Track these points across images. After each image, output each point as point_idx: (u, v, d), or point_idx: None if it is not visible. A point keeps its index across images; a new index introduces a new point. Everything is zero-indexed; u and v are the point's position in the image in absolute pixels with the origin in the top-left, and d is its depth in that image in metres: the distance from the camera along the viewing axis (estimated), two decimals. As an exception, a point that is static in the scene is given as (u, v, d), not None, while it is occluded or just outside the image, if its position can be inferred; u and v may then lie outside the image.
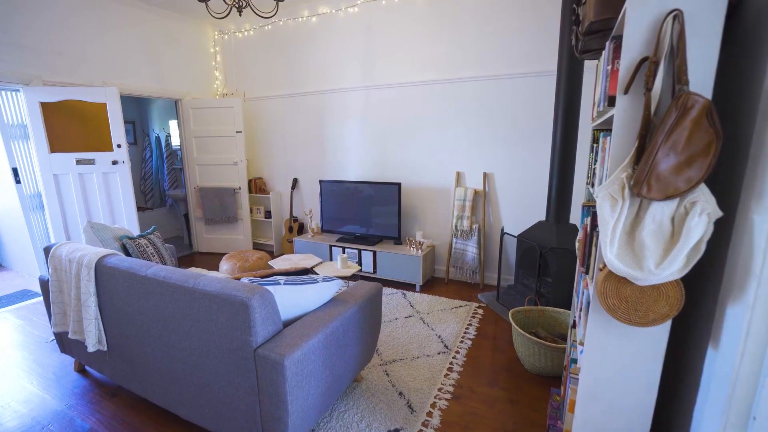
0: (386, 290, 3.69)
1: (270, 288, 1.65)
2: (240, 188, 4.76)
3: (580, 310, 1.47)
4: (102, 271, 1.91)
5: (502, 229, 3.30)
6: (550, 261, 2.87)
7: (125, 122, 5.82)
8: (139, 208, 5.72)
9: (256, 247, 5.16)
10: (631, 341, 1.06)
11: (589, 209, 1.47)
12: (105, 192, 3.63)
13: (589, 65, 2.89)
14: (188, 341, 1.66)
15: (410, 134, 4.01)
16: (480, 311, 3.25)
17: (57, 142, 3.48)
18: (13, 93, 3.33)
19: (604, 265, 1.03)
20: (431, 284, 3.89)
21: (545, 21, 3.22)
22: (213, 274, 2.69)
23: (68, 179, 3.53)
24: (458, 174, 3.84)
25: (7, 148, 3.41)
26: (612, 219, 0.96)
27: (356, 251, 3.95)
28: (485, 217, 3.76)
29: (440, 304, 3.36)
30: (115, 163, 3.58)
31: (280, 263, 3.22)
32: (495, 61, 3.48)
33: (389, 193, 3.87)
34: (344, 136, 4.38)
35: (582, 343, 1.19)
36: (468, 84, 3.64)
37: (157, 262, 2.39)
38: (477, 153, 3.72)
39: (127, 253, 2.33)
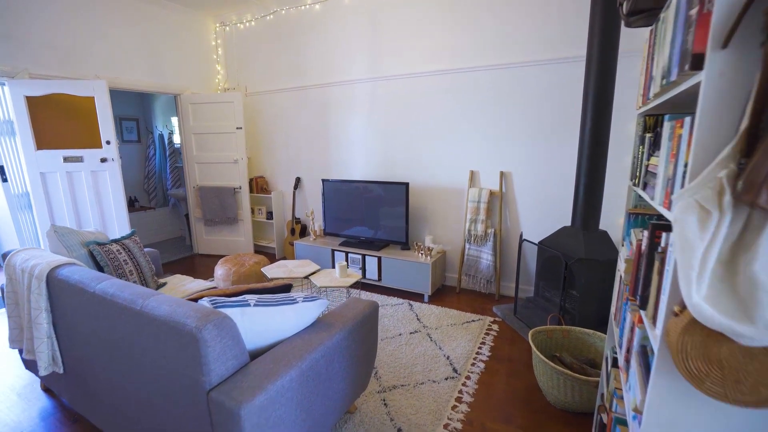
0: (391, 300, 3.37)
1: (236, 311, 1.36)
2: (240, 188, 4.52)
3: (627, 351, 1.12)
4: (54, 284, 1.66)
5: (521, 235, 2.94)
6: (577, 273, 2.50)
7: (128, 119, 5.69)
8: (142, 208, 5.56)
9: (258, 249, 4.92)
10: (724, 425, 0.72)
11: (642, 219, 1.12)
12: (94, 191, 3.42)
13: (627, 47, 2.50)
14: (139, 374, 1.38)
15: (420, 130, 3.67)
16: (495, 327, 2.89)
17: (44, 139, 3.29)
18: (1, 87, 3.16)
19: (683, 309, 0.69)
20: (441, 294, 3.55)
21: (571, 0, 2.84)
22: (188, 285, 2.43)
23: (56, 178, 3.34)
24: (472, 173, 3.49)
25: (-7, 144, 3.24)
26: (701, 242, 0.62)
27: (360, 257, 3.64)
28: (502, 220, 3.39)
29: (450, 318, 3.02)
30: (104, 160, 3.37)
31: (274, 271, 2.94)
32: (513, 47, 3.12)
33: (396, 193, 3.55)
34: (349, 132, 4.07)
35: (638, 411, 0.84)
36: (483, 73, 3.28)
37: (129, 271, 2.13)
38: (493, 150, 3.36)
39: (96, 262, 2.08)
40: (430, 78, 3.53)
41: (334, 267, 3.82)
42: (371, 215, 3.75)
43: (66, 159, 3.32)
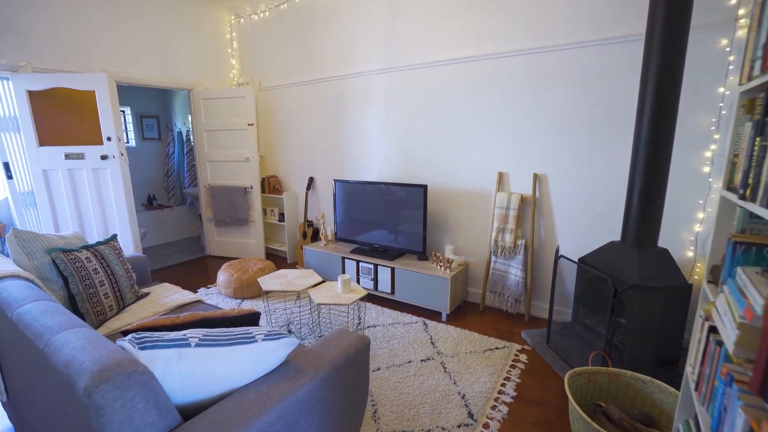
0: (404, 317, 2.98)
1: (171, 353, 1.04)
2: (252, 187, 4.28)
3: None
4: (-12, 300, 1.41)
5: (557, 250, 2.47)
6: (628, 302, 2.01)
7: (149, 117, 5.64)
8: (160, 206, 5.49)
9: (270, 253, 4.67)
10: None
11: (759, 253, 0.68)
12: (96, 189, 3.28)
13: (699, 20, 1.99)
14: (51, 426, 1.09)
15: (440, 125, 3.26)
16: (522, 358, 2.44)
17: (46, 135, 3.18)
18: (3, 81, 3.06)
19: None
20: (462, 312, 3.12)
21: (628, -34, 2.34)
22: (171, 296, 2.15)
23: (58, 175, 3.21)
24: (500, 175, 3.03)
25: (-2, 141, 3.15)
26: None
27: (372, 266, 3.28)
28: (534, 230, 2.92)
29: (470, 343, 2.60)
30: (104, 157, 3.21)
31: (270, 282, 2.64)
32: (550, 28, 2.64)
33: (413, 197, 3.16)
34: (365, 128, 3.72)
35: None
36: (515, 60, 2.82)
37: (100, 282, 1.88)
38: (525, 148, 2.90)
39: (59, 271, 1.84)
40: (452, 67, 3.11)
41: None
42: (386, 220, 3.38)
43: (67, 156, 3.19)
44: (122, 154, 3.32)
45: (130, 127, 5.49)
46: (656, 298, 1.92)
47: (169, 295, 2.27)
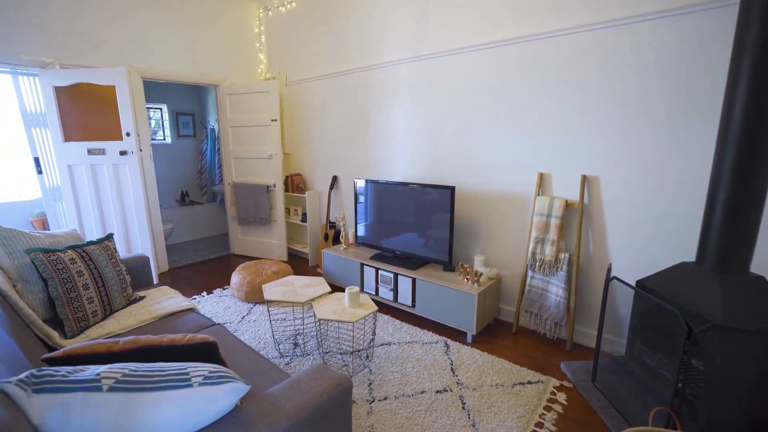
0: (424, 336, 2.64)
1: (73, 398, 0.81)
2: (274, 186, 4.13)
3: None
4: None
5: (610, 268, 2.01)
6: (706, 345, 1.54)
7: (185, 114, 5.70)
8: (192, 203, 5.53)
9: (292, 254, 4.50)
10: None
11: None
12: (115, 185, 3.25)
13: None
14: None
15: (473, 119, 2.87)
16: (561, 397, 2.02)
17: (70, 130, 3.19)
18: (32, 78, 3.11)
19: None
20: (491, 332, 2.72)
21: None
22: (164, 303, 1.96)
23: (81, 170, 3.22)
24: (541, 176, 2.60)
25: (29, 137, 3.20)
26: None
27: (392, 275, 2.97)
28: (581, 243, 2.46)
29: (497, 374, 2.21)
30: (123, 153, 3.17)
31: (274, 290, 2.41)
32: (612, -2, 2.18)
33: (439, 199, 2.81)
34: (391, 123, 3.41)
35: None
36: (563, 41, 2.38)
37: (84, 285, 1.74)
38: (573, 145, 2.44)
39: (39, 273, 1.72)
40: (487, 53, 2.71)
41: (362, 284, 3.20)
42: (409, 225, 3.05)
43: (89, 151, 3.18)
44: (141, 150, 3.27)
45: (167, 124, 5.58)
46: (749, 343, 1.44)
47: (162, 301, 2.10)
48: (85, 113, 3.18)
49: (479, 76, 2.79)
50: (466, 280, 2.70)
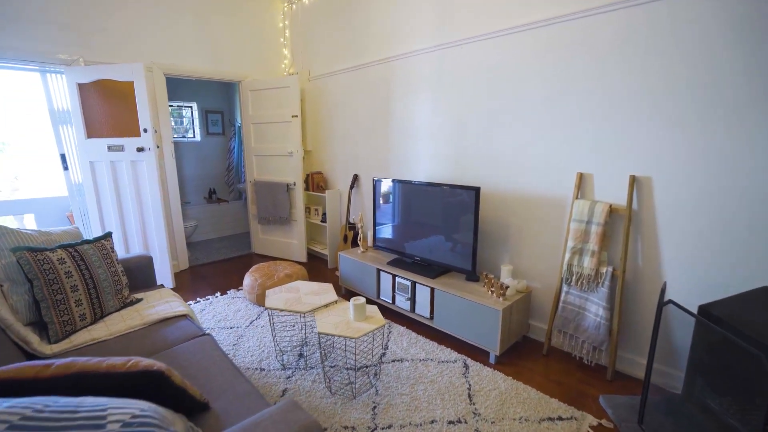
0: (441, 353, 2.38)
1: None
2: (294, 184, 4.00)
3: None
4: None
5: (664, 288, 1.66)
6: (798, 399, 1.18)
7: (214, 112, 5.74)
8: (218, 200, 5.56)
9: (312, 255, 4.36)
10: None
11: None
12: (134, 182, 3.23)
13: None
14: None
15: (501, 112, 2.57)
16: (599, 442, 1.70)
17: (93, 127, 3.21)
18: (59, 76, 3.15)
19: None
20: (518, 353, 2.41)
21: None
22: (158, 307, 1.84)
23: (102, 167, 3.23)
24: (581, 177, 2.26)
25: (56, 134, 3.26)
26: None
27: (410, 283, 2.73)
28: (627, 255, 2.10)
29: (522, 404, 1.91)
30: (140, 150, 3.14)
31: (277, 297, 2.25)
32: (673, -38, 1.81)
33: (463, 201, 2.53)
34: (414, 118, 3.16)
35: None
36: (608, 18, 2.03)
37: (73, 287, 1.64)
38: (620, 140, 2.09)
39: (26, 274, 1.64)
40: (516, 36, 2.40)
41: (378, 291, 2.98)
42: (430, 229, 2.80)
43: (110, 148, 3.19)
44: (158, 147, 3.23)
45: (196, 122, 5.64)
46: None
47: (157, 305, 1.99)
48: (107, 109, 3.19)
49: (509, 63, 2.48)
50: (490, 292, 2.40)
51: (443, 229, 2.70)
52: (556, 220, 2.40)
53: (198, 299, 3.20)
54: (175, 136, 5.54)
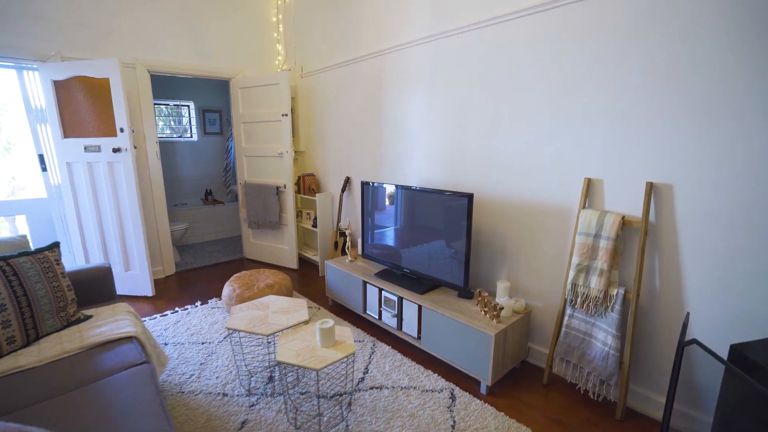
0: (427, 379, 2.11)
1: None
2: (285, 187, 3.79)
3: None
4: None
5: (687, 322, 1.36)
6: None
7: (211, 111, 5.59)
8: (215, 202, 5.41)
9: (304, 261, 4.14)
10: None
11: None
12: (111, 184, 3.07)
13: None
14: None
15: (501, 109, 2.28)
16: (603, 505, 1.40)
17: (69, 126, 3.05)
18: (35, 73, 3.01)
19: None
20: (515, 381, 2.13)
21: None
22: (101, 329, 1.63)
23: (79, 168, 3.08)
24: (588, 183, 1.96)
25: (34, 133, 3.12)
26: None
27: (396, 298, 2.47)
28: (641, 275, 1.80)
29: (513, 451, 1.63)
30: (117, 150, 2.97)
31: (241, 315, 2.02)
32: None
33: (455, 209, 2.27)
34: (407, 116, 2.90)
35: None
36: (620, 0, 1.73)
37: (1, 305, 1.44)
38: (634, 140, 1.78)
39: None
40: (516, 23, 2.11)
41: (364, 306, 2.74)
42: (420, 238, 2.54)
43: (86, 148, 3.03)
44: (135, 148, 3.06)
45: (193, 121, 5.50)
46: None
47: (105, 324, 1.79)
48: (84, 108, 3.02)
49: (507, 53, 2.19)
50: (483, 312, 2.13)
51: (434, 239, 2.44)
52: (561, 231, 2.11)
53: (176, 309, 3.01)
54: (174, 136, 5.41)
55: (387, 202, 2.73)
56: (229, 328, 1.89)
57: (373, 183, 2.80)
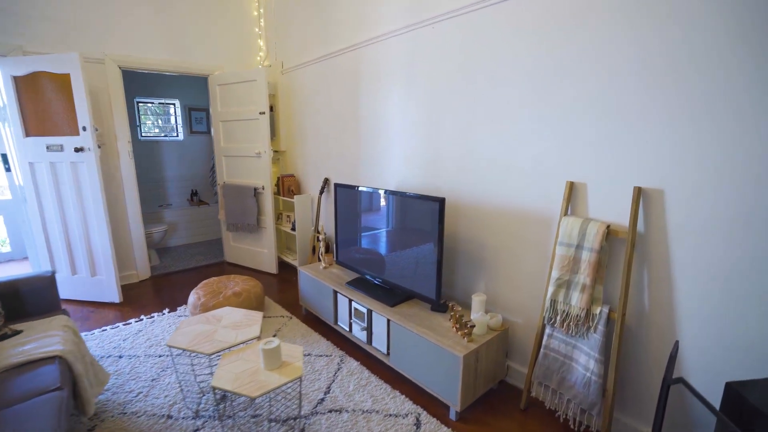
0: (392, 402, 1.92)
1: None
2: (263, 188, 3.62)
3: None
4: None
5: (675, 353, 1.16)
6: None
7: (198, 110, 5.45)
8: (201, 202, 5.27)
9: (284, 266, 3.97)
10: None
11: None
12: (75, 185, 2.92)
13: None
14: None
15: (480, 106, 2.08)
16: None
17: (32, 125, 2.91)
18: (-3, 67, 2.88)
19: None
20: (490, 404, 1.93)
21: None
22: (26, 346, 1.47)
23: (42, 168, 2.94)
24: (571, 187, 1.75)
25: (-3, 131, 2.99)
26: None
27: (366, 310, 2.28)
28: (628, 292, 1.59)
29: (476, 492, 1.44)
30: (79, 150, 2.82)
31: (185, 330, 1.85)
32: None
33: (425, 214, 2.07)
34: (383, 114, 2.71)
35: None
36: (609, -26, 1.53)
37: None
38: (622, 139, 1.58)
39: None
40: (496, 9, 1.91)
41: (335, 316, 2.55)
42: (393, 245, 2.35)
43: (48, 148, 2.88)
44: (100, 147, 2.91)
45: (179, 120, 5.36)
46: None
47: (31, 342, 1.63)
48: (46, 105, 2.88)
49: (487, 44, 1.99)
50: (455, 329, 1.93)
51: (408, 246, 2.24)
52: (542, 240, 1.90)
53: (141, 317, 2.86)
54: (162, 135, 5.28)
55: (361, 206, 2.55)
56: (170, 346, 1.72)
57: (346, 185, 2.61)
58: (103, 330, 2.66)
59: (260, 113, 3.47)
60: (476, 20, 2.02)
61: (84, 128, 2.80)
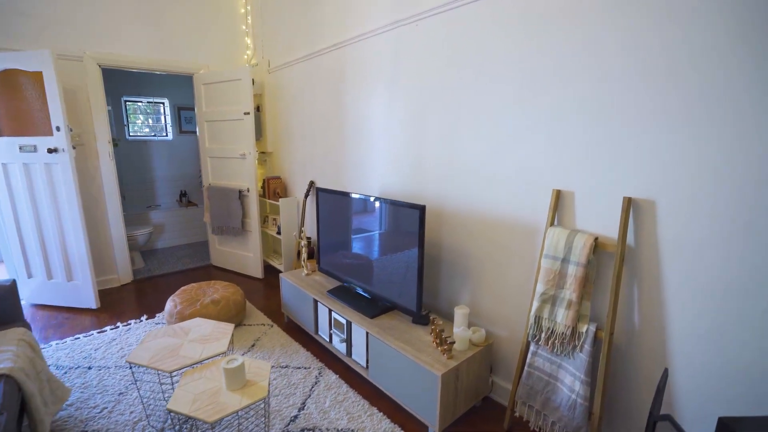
0: (368, 420, 1.82)
1: None
2: (248, 190, 3.51)
3: None
4: None
5: (664, 383, 1.05)
6: None
7: (188, 109, 5.34)
8: (190, 203, 5.17)
9: (269, 270, 3.86)
10: None
11: None
12: (50, 187, 2.82)
13: None
14: None
15: (465, 109, 1.98)
16: None
17: (4, 124, 2.81)
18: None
19: None
20: (472, 423, 1.82)
21: None
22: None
23: (15, 170, 2.84)
24: (558, 195, 1.65)
25: (-28, 131, 2.89)
26: None
27: (345, 322, 2.18)
28: (617, 310, 1.49)
29: None
30: (53, 151, 2.72)
31: (148, 344, 1.75)
32: None
33: (406, 222, 1.97)
34: (369, 114, 2.61)
35: None
36: (598, -32, 1.42)
37: None
38: (612, 145, 1.47)
39: None
40: (481, 4, 1.80)
41: (316, 326, 2.45)
42: (374, 253, 2.25)
43: (21, 148, 2.78)
44: (75, 148, 2.81)
45: (168, 120, 5.26)
46: None
47: (-21, 358, 1.52)
48: (18, 104, 2.78)
49: (472, 43, 1.89)
50: (435, 344, 1.83)
51: (389, 254, 2.14)
52: (528, 251, 1.80)
53: (118, 324, 2.76)
54: (151, 135, 5.18)
55: (342, 212, 2.44)
56: (130, 363, 1.62)
57: (328, 190, 2.51)
58: (75, 338, 2.56)
59: (245, 113, 3.37)
60: (460, 16, 1.91)
61: (58, 128, 2.70)
